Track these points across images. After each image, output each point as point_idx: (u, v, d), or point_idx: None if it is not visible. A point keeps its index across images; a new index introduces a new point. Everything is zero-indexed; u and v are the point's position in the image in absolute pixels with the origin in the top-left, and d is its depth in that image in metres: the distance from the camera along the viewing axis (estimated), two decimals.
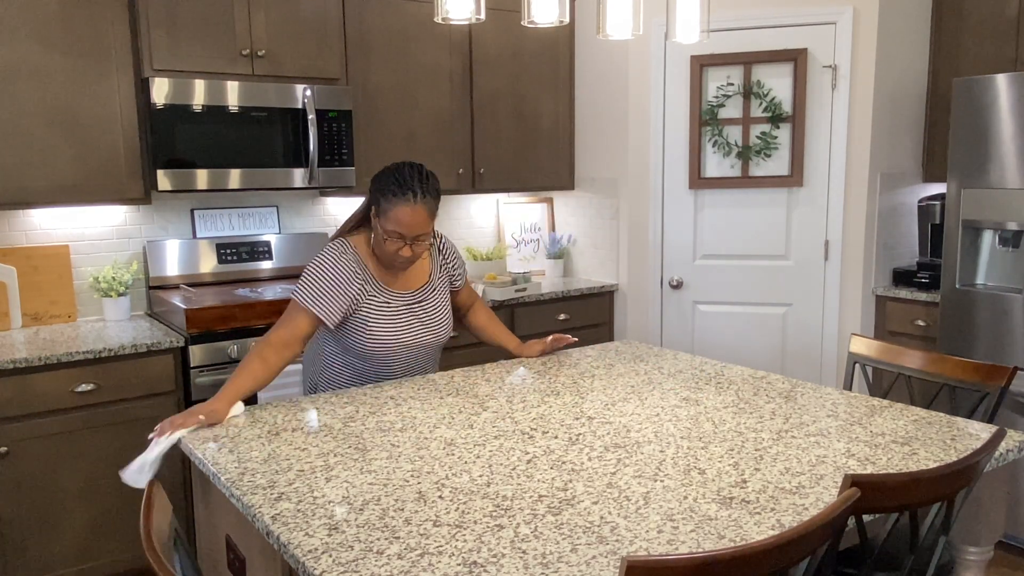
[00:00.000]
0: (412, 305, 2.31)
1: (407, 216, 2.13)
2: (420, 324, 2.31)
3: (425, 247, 2.21)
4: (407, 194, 2.13)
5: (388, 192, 2.15)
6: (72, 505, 2.82)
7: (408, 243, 2.17)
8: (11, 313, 3.12)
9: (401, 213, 2.13)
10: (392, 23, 3.61)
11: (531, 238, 4.44)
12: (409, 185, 2.14)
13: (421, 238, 2.18)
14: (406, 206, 2.13)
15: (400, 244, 2.17)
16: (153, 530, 1.23)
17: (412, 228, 2.15)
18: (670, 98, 3.82)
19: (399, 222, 2.14)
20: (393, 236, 2.16)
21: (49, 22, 2.89)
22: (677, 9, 2.21)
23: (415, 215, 2.14)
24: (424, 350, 2.36)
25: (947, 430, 1.83)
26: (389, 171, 2.19)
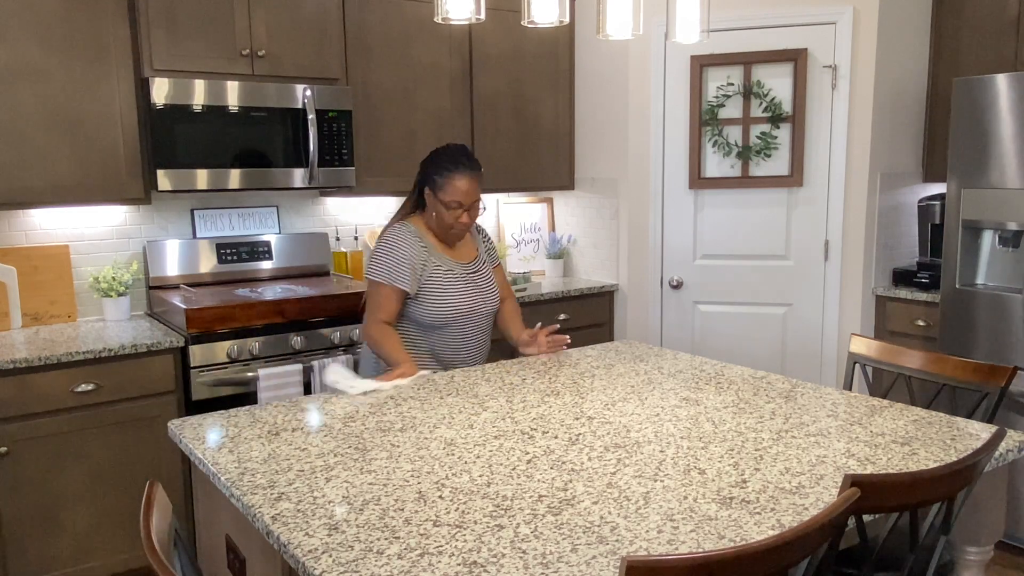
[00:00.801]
0: (469, 275, 2.60)
1: (464, 184, 2.47)
2: (477, 292, 2.59)
3: (478, 212, 2.54)
4: (459, 167, 2.48)
5: (442, 169, 2.49)
6: (72, 505, 2.82)
7: (466, 209, 2.49)
8: (11, 313, 3.12)
9: (458, 183, 2.46)
10: (392, 23, 3.61)
11: (531, 238, 4.44)
12: (460, 159, 2.49)
13: (476, 204, 2.52)
14: (462, 177, 2.47)
15: (459, 212, 2.49)
16: (153, 530, 1.23)
17: (469, 195, 2.48)
18: (670, 98, 3.82)
19: (457, 191, 2.47)
20: (452, 205, 2.48)
21: (49, 22, 2.89)
22: (677, 9, 2.21)
23: (470, 183, 2.48)
24: (481, 320, 2.61)
25: (947, 430, 1.83)
26: (438, 153, 2.53)
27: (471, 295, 2.57)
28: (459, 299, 2.54)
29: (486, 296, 2.62)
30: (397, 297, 2.48)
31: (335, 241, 3.90)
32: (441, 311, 2.51)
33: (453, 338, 2.56)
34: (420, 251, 2.51)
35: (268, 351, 3.09)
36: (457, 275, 2.55)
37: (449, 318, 2.53)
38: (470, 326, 2.59)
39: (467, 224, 2.52)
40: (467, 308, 2.56)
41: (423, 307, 2.50)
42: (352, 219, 3.96)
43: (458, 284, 2.55)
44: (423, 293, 2.50)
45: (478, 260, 2.66)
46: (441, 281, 2.52)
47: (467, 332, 2.59)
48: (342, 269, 3.81)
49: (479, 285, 2.61)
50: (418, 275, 2.50)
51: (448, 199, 2.47)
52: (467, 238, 2.67)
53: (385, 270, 2.48)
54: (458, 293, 2.54)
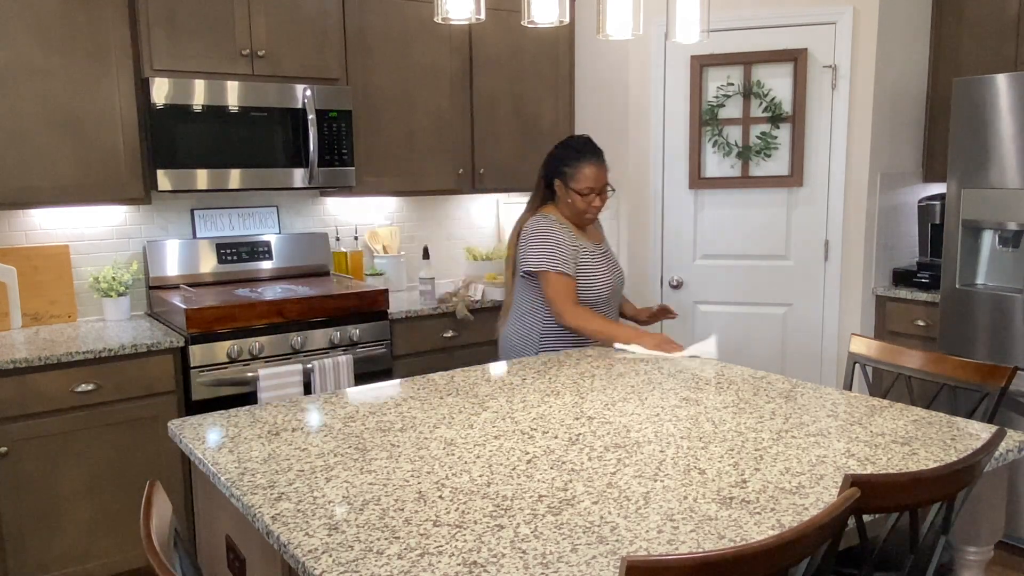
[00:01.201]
0: (605, 254, 2.82)
1: (593, 171, 2.67)
2: (612, 271, 2.80)
3: (608, 196, 2.74)
4: (586, 155, 2.68)
5: (570, 160, 2.69)
6: (72, 505, 2.82)
7: (597, 193, 2.69)
8: (11, 313, 3.12)
9: (587, 170, 2.67)
10: (392, 23, 3.61)
11: None
12: (585, 149, 2.70)
13: (606, 187, 2.72)
14: (590, 164, 2.68)
15: (591, 197, 2.68)
16: (153, 530, 1.23)
17: (598, 180, 2.68)
18: (670, 98, 3.82)
19: (587, 177, 2.67)
20: (585, 192, 2.67)
21: (49, 22, 2.89)
22: (677, 9, 2.21)
23: (598, 169, 2.69)
24: (614, 297, 2.82)
25: (947, 430, 1.83)
26: (563, 146, 2.74)
27: (611, 274, 2.78)
28: (605, 278, 2.74)
29: (619, 274, 2.84)
30: (571, 282, 2.67)
31: (335, 241, 3.90)
32: (595, 290, 2.71)
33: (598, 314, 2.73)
34: (569, 236, 2.70)
35: (268, 351, 3.09)
36: (599, 257, 2.76)
37: (601, 297, 2.73)
38: (612, 304, 2.81)
39: (599, 208, 2.71)
40: (610, 286, 2.76)
41: (580, 289, 2.68)
42: (352, 219, 3.96)
43: (601, 264, 2.75)
44: (578, 275, 2.69)
45: (606, 242, 2.89)
46: (590, 263, 2.72)
47: (609, 310, 2.80)
48: (342, 269, 3.81)
49: (612, 264, 2.82)
50: (574, 259, 2.69)
51: (580, 187, 2.66)
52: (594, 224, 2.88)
53: (553, 259, 2.65)
54: (603, 273, 2.74)
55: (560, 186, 2.71)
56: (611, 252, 2.88)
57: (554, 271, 2.64)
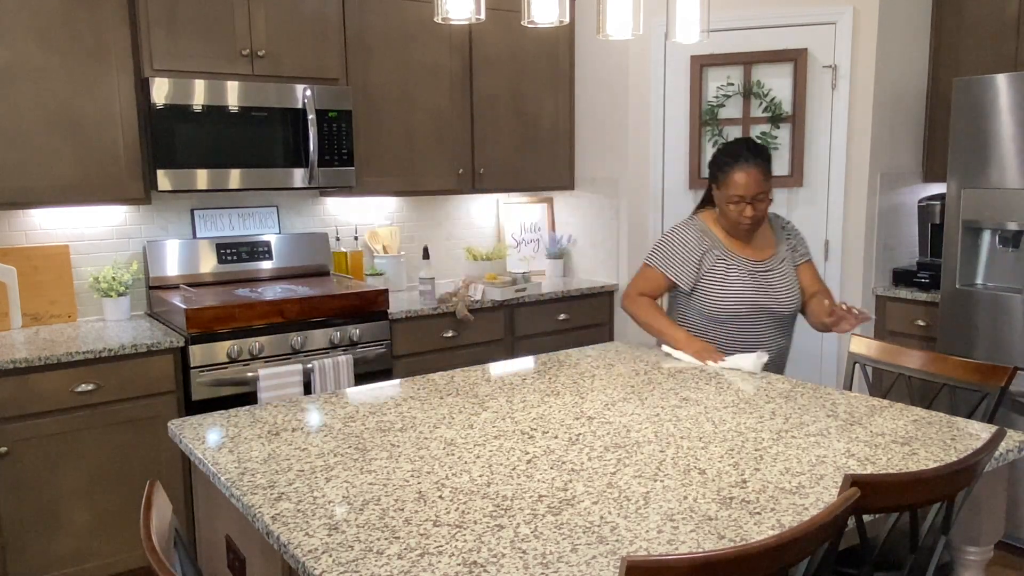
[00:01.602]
0: (758, 272, 2.55)
1: (743, 178, 2.44)
2: (764, 291, 2.53)
3: (766, 207, 2.48)
4: (739, 160, 2.45)
5: (724, 164, 2.49)
6: (72, 505, 2.82)
7: (748, 202, 2.46)
8: (11, 313, 3.12)
9: (737, 177, 2.44)
10: (392, 23, 3.61)
11: (531, 238, 4.44)
12: (740, 152, 2.46)
13: (759, 197, 2.46)
14: (740, 170, 2.44)
15: (742, 206, 2.47)
16: (153, 530, 1.23)
17: (749, 188, 2.44)
18: (670, 98, 3.82)
19: (736, 184, 2.45)
20: (734, 200, 2.47)
21: (49, 22, 2.89)
22: (677, 9, 2.21)
23: (750, 176, 2.44)
24: (770, 319, 2.55)
25: (947, 430, 1.83)
26: (722, 147, 2.55)
27: (758, 292, 2.52)
28: (741, 294, 2.52)
29: (778, 296, 2.54)
30: (662, 284, 2.61)
31: (335, 241, 3.90)
32: (720, 304, 2.52)
33: (740, 334, 2.56)
34: (700, 244, 2.56)
35: (268, 351, 3.09)
36: (741, 272, 2.53)
37: (730, 312, 2.52)
38: (760, 325, 2.55)
39: (751, 218, 2.48)
40: (751, 305, 2.52)
41: (704, 299, 2.55)
42: (352, 219, 3.96)
43: (743, 280, 2.53)
44: (703, 284, 2.55)
45: (774, 258, 2.59)
46: (722, 274, 2.53)
47: (756, 330, 2.55)
48: (342, 269, 3.81)
49: (772, 283, 2.54)
50: (695, 268, 2.55)
51: (730, 193, 2.47)
52: (766, 235, 2.62)
53: (660, 257, 2.61)
54: (741, 288, 2.52)
55: (716, 191, 2.54)
56: (783, 271, 2.57)
57: (651, 265, 2.62)
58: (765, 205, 2.48)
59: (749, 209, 2.46)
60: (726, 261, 2.54)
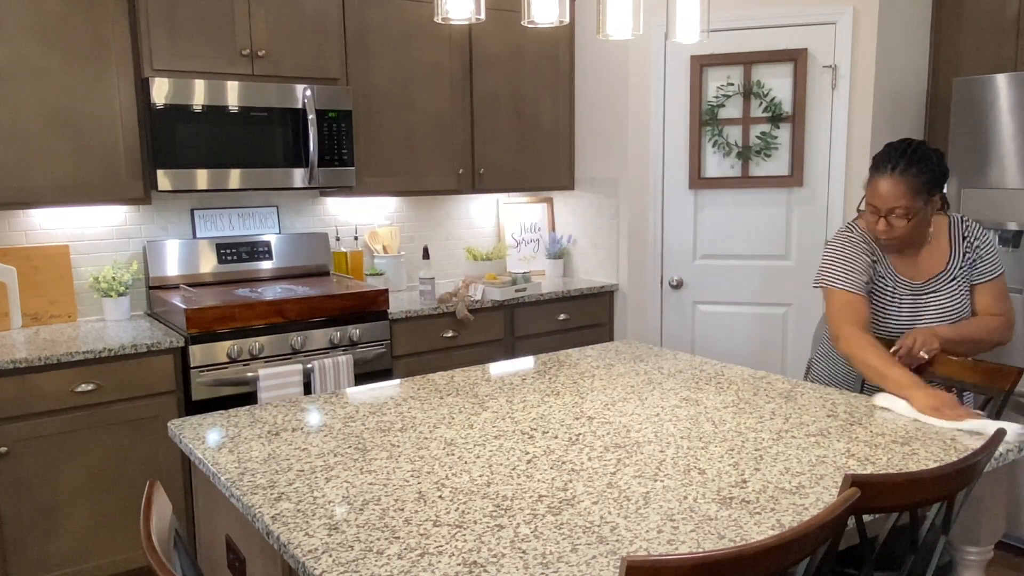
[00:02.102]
0: (920, 295, 2.25)
1: (879, 187, 2.15)
2: (928, 316, 2.24)
3: (905, 225, 2.15)
4: (885, 165, 2.16)
5: (872, 165, 2.21)
6: (72, 505, 2.82)
7: (883, 215, 2.16)
8: (11, 313, 3.12)
9: (875, 184, 2.17)
10: (392, 23, 3.61)
11: (531, 238, 4.44)
12: (889, 157, 2.16)
13: (896, 211, 2.14)
14: (880, 177, 2.16)
15: (875, 218, 2.18)
16: (153, 530, 1.23)
17: (884, 200, 2.15)
18: (670, 98, 3.82)
19: (873, 193, 2.17)
20: (870, 209, 2.19)
21: (49, 22, 2.89)
22: (677, 9, 2.20)
23: (885, 186, 2.14)
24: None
25: (947, 430, 1.83)
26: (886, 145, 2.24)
27: (915, 318, 2.25)
28: (898, 319, 2.26)
29: (939, 320, 2.24)
30: (855, 300, 2.20)
31: (335, 241, 3.90)
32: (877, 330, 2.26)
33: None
34: (865, 251, 2.27)
35: (268, 351, 3.09)
36: (897, 295, 2.26)
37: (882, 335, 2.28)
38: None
39: (886, 235, 2.17)
40: (904, 329, 2.25)
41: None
42: (352, 219, 3.96)
43: (897, 303, 2.26)
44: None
45: (943, 275, 2.24)
46: (879, 296, 2.28)
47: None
48: (342, 269, 3.81)
49: (933, 308, 2.24)
50: (868, 275, 2.26)
51: (869, 201, 2.19)
52: (938, 248, 2.27)
53: (836, 273, 2.25)
54: (896, 313, 2.26)
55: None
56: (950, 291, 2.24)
57: (836, 287, 2.23)
58: (904, 224, 2.15)
59: (882, 223, 2.16)
60: (885, 280, 2.27)
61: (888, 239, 2.19)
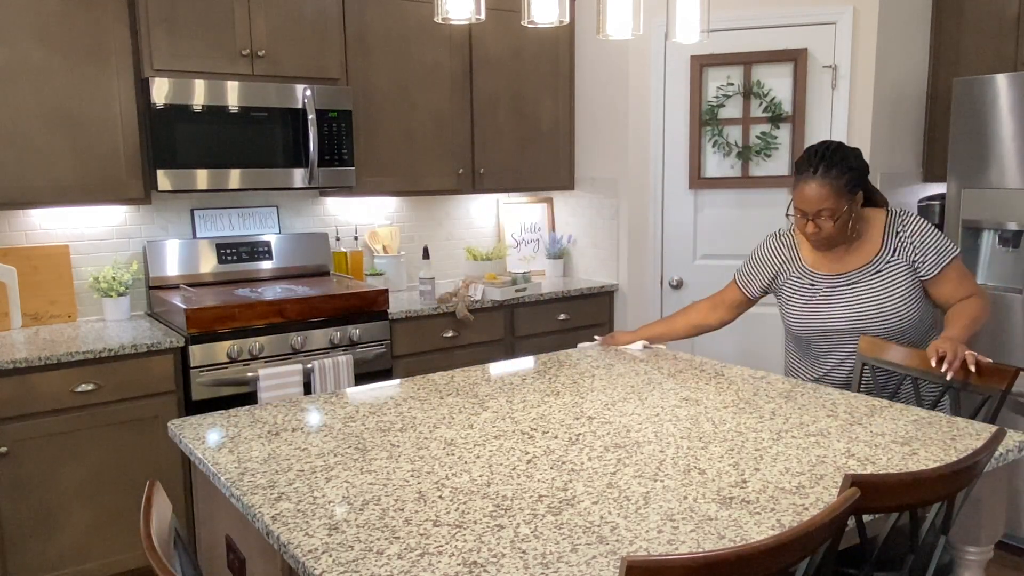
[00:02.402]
0: (838, 287, 2.33)
1: (803, 191, 2.22)
2: (843, 307, 2.32)
3: (832, 226, 2.22)
4: (806, 169, 2.22)
5: (795, 170, 2.27)
6: (72, 505, 2.82)
7: (810, 219, 2.23)
8: (11, 313, 3.12)
9: (799, 189, 2.23)
10: (392, 23, 3.61)
11: (531, 238, 4.44)
12: (809, 161, 2.22)
13: (823, 214, 2.20)
14: (803, 182, 2.22)
15: (804, 221, 2.25)
16: (153, 530, 1.23)
17: (809, 203, 2.21)
18: (670, 98, 3.82)
19: (799, 198, 2.23)
20: (798, 213, 2.26)
21: (49, 22, 2.89)
22: (677, 9, 2.21)
23: (810, 190, 2.20)
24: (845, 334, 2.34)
25: (947, 430, 1.83)
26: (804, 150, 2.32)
27: (830, 310, 2.33)
28: (810, 312, 2.36)
29: (860, 311, 2.30)
30: (734, 291, 2.54)
31: (335, 241, 3.90)
32: (792, 322, 2.41)
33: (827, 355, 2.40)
34: (777, 255, 2.45)
35: (268, 351, 3.09)
36: (811, 289, 2.36)
37: (800, 330, 2.39)
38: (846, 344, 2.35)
39: (816, 236, 2.25)
40: (825, 322, 2.33)
41: (784, 317, 2.45)
42: (352, 219, 3.96)
43: (810, 297, 2.36)
44: (779, 300, 2.46)
45: (867, 268, 2.30)
46: (789, 290, 2.41)
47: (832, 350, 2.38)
48: (342, 269, 3.81)
49: (850, 300, 2.31)
50: (766, 279, 2.47)
51: (796, 206, 2.26)
52: (870, 242, 2.32)
53: (741, 267, 2.54)
54: (807, 306, 2.36)
55: None
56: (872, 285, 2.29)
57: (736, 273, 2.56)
58: (831, 226, 2.22)
59: (811, 226, 2.24)
60: (798, 278, 2.39)
61: (817, 240, 2.27)
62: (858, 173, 2.23)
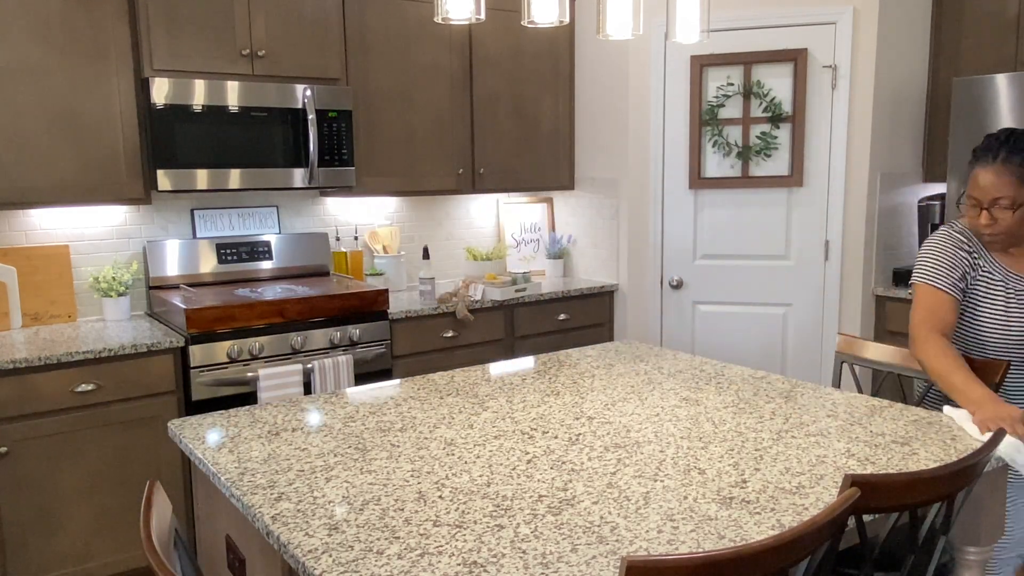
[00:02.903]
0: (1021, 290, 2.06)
1: (981, 177, 2.00)
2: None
3: (1011, 217, 1.98)
4: (986, 155, 2.01)
5: (973, 156, 2.06)
6: (72, 505, 2.82)
7: (985, 208, 2.01)
8: (11, 313, 3.12)
9: (975, 177, 2.02)
10: (392, 23, 3.61)
11: (531, 238, 4.44)
12: (990, 147, 2.01)
13: (1001, 203, 1.98)
14: (983, 167, 2.00)
15: (977, 212, 2.03)
16: (153, 530, 1.23)
17: (985, 191, 2.00)
18: (670, 98, 3.82)
19: (973, 186, 2.02)
20: (970, 203, 2.04)
21: (49, 22, 2.89)
22: (677, 9, 2.21)
23: (986, 177, 1.99)
24: None
25: (947, 430, 1.83)
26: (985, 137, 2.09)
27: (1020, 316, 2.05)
28: (1009, 319, 2.05)
29: None
30: (943, 302, 2.06)
31: (335, 241, 3.90)
32: (988, 332, 2.07)
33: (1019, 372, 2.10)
34: (963, 253, 2.10)
35: (268, 351, 3.09)
36: (1009, 290, 2.07)
37: (998, 345, 2.07)
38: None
39: (989, 230, 2.01)
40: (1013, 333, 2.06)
41: (966, 327, 2.11)
42: (352, 219, 3.96)
43: (1008, 300, 2.05)
44: (967, 308, 2.11)
45: None
46: (983, 294, 2.08)
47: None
48: (342, 269, 3.81)
49: None
50: (960, 273, 2.10)
51: (969, 194, 2.03)
52: None
53: (928, 269, 2.10)
54: (1006, 311, 2.05)
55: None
56: None
57: (924, 283, 2.09)
58: (1009, 217, 1.98)
59: (984, 216, 2.00)
60: (992, 275, 2.08)
61: (992, 233, 2.02)
62: None
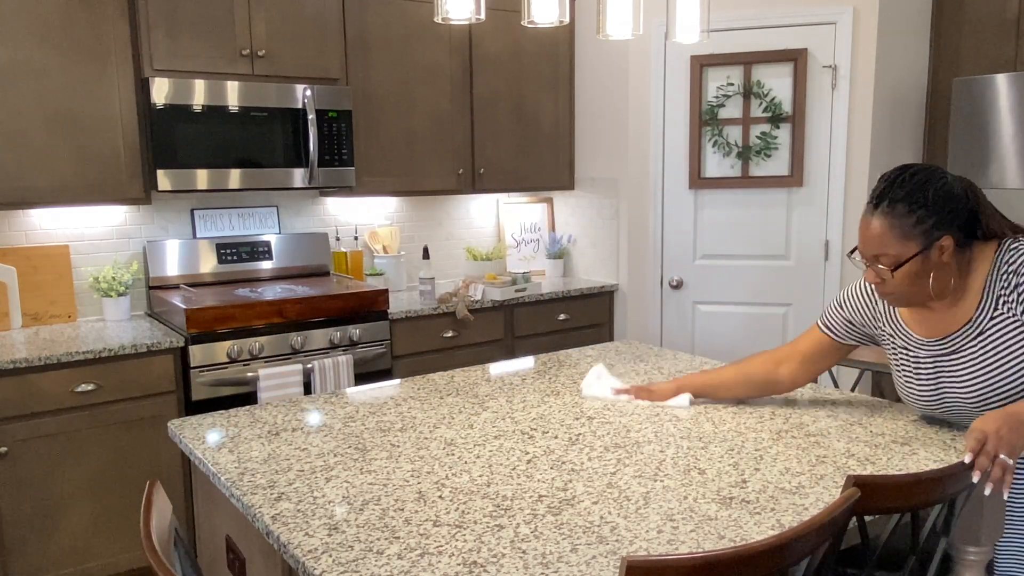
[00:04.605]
0: (939, 357, 1.75)
1: (861, 228, 1.70)
2: (949, 382, 1.74)
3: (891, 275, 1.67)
4: (870, 201, 1.70)
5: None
6: (72, 505, 2.82)
7: (868, 264, 1.71)
8: (11, 313, 3.12)
9: (860, 224, 1.71)
10: (392, 23, 3.61)
11: (531, 238, 4.44)
12: (877, 188, 1.70)
13: (881, 259, 1.67)
14: (864, 215, 1.70)
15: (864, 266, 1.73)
16: (153, 530, 1.23)
17: (864, 245, 1.69)
18: (670, 98, 3.82)
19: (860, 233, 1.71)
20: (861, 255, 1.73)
21: (49, 22, 2.89)
22: (677, 9, 2.20)
23: (866, 226, 1.68)
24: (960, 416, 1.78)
25: (947, 430, 1.83)
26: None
27: (937, 387, 1.77)
28: (919, 389, 1.80)
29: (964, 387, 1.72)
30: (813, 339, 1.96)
31: (335, 241, 3.90)
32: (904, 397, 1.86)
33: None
34: (867, 306, 1.88)
35: (268, 351, 3.09)
36: (913, 358, 1.80)
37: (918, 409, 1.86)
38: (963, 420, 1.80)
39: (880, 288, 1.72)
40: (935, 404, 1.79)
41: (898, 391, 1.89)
42: (352, 219, 3.96)
43: (915, 369, 1.80)
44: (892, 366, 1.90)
45: (965, 331, 1.71)
46: (894, 360, 1.86)
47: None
48: (342, 269, 3.81)
49: (954, 373, 1.73)
50: (856, 329, 1.91)
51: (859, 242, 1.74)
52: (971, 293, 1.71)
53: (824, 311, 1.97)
54: (916, 381, 1.80)
55: None
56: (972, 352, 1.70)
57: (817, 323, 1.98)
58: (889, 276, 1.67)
59: (870, 274, 1.71)
60: (896, 340, 1.84)
61: (882, 293, 1.73)
62: (941, 210, 1.63)
